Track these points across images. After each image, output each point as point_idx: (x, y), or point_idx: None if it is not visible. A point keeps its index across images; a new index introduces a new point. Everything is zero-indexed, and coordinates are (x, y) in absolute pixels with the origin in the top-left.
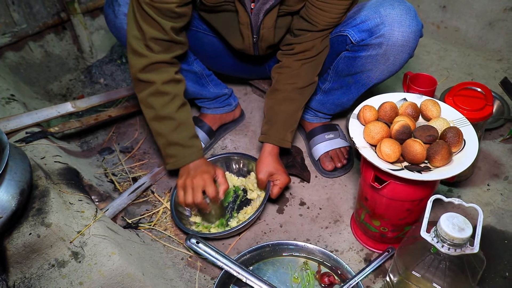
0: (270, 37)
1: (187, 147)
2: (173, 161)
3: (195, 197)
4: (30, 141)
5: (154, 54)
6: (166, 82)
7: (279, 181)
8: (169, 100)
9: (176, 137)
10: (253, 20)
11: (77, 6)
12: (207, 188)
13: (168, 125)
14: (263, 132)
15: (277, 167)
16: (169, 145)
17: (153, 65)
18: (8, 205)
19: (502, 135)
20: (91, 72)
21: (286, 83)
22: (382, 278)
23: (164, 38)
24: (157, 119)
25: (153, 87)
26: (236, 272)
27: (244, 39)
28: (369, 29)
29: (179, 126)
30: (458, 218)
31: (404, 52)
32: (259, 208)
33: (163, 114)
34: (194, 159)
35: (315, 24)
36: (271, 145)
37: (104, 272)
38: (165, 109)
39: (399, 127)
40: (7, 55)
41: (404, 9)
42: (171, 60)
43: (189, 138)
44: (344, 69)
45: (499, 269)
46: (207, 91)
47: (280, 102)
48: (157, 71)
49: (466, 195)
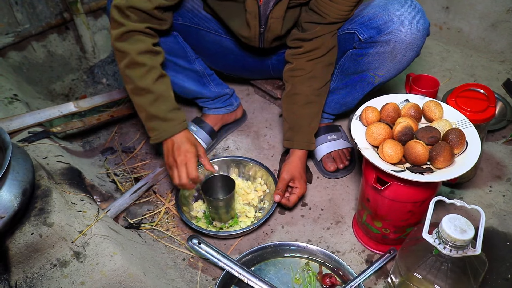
0: (277, 28)
1: (167, 120)
2: (154, 135)
3: (181, 178)
4: (33, 141)
5: (129, 22)
6: (141, 52)
7: (298, 189)
8: (145, 72)
9: (154, 110)
10: (262, 9)
11: (80, 6)
12: (188, 166)
13: (147, 98)
14: (288, 138)
15: (301, 174)
16: (149, 119)
17: (128, 33)
18: (11, 205)
19: (505, 137)
20: (94, 72)
21: (303, 86)
22: (384, 279)
23: (143, 8)
24: (135, 91)
25: (128, 57)
26: (238, 272)
27: (250, 29)
28: (377, 26)
29: (158, 99)
30: (460, 220)
31: (412, 50)
32: (266, 214)
33: (140, 85)
34: (175, 132)
35: (324, 16)
36: (301, 150)
37: (105, 272)
38: (142, 81)
39: (401, 128)
40: (10, 55)
41: (412, 7)
42: (147, 30)
43: (168, 111)
44: (350, 67)
45: (501, 271)
46: (208, 91)
47: (302, 107)
48: (132, 40)
49: (468, 196)
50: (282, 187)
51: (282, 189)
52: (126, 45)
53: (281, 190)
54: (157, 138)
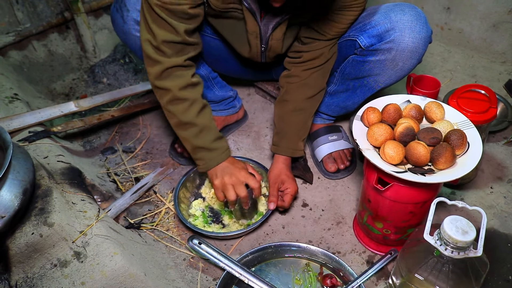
0: (278, 47)
1: (212, 150)
2: (202, 164)
3: (240, 192)
4: (33, 141)
5: (167, 59)
6: (182, 87)
7: (289, 189)
8: (188, 106)
9: (200, 142)
10: (262, 31)
11: (80, 5)
12: (249, 181)
13: (191, 131)
14: (275, 143)
15: (288, 174)
16: (195, 150)
17: (168, 70)
18: (11, 205)
19: (506, 138)
20: (94, 71)
21: (295, 93)
22: (385, 280)
23: (176, 40)
24: (180, 125)
25: (170, 94)
26: (238, 273)
27: (251, 48)
28: (379, 34)
29: (202, 131)
30: (461, 221)
31: (413, 58)
32: (265, 215)
33: (184, 120)
34: (221, 160)
35: (323, 34)
36: (284, 156)
37: (106, 272)
38: (185, 115)
39: (403, 129)
40: (11, 54)
41: (415, 15)
42: (185, 63)
43: (212, 141)
44: (351, 72)
45: (502, 272)
46: (213, 94)
47: (290, 114)
48: (172, 76)
49: (470, 197)
50: (274, 193)
51: (275, 195)
52: (166, 83)
53: (274, 197)
54: (204, 168)
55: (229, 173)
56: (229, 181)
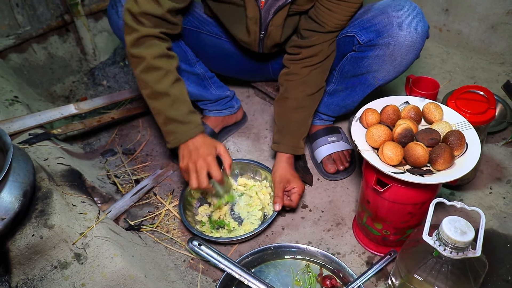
0: (277, 35)
1: (185, 123)
2: (172, 139)
3: (201, 182)
4: (33, 143)
5: (143, 28)
6: (157, 56)
7: (296, 188)
8: (162, 76)
9: (173, 113)
10: (263, 16)
11: (80, 8)
12: (211, 171)
13: (164, 101)
14: (276, 141)
15: (293, 174)
16: (167, 122)
17: (143, 38)
18: (11, 207)
19: (505, 139)
20: (94, 74)
21: (295, 91)
22: (384, 281)
23: (156, 13)
24: (152, 96)
25: (145, 62)
26: (238, 274)
27: (250, 34)
28: (376, 30)
29: (175, 102)
30: (460, 222)
31: (411, 53)
32: (271, 216)
33: (157, 90)
34: (193, 135)
35: (322, 25)
36: (286, 154)
37: (106, 273)
38: (159, 85)
39: (402, 130)
40: (11, 57)
41: (412, 10)
42: (161, 35)
43: (186, 114)
44: (350, 70)
45: (501, 272)
46: (209, 93)
47: (291, 111)
48: (147, 44)
49: (468, 198)
50: (280, 194)
51: (280, 196)
52: (141, 50)
53: (280, 198)
54: (175, 142)
55: (194, 160)
56: (193, 168)
